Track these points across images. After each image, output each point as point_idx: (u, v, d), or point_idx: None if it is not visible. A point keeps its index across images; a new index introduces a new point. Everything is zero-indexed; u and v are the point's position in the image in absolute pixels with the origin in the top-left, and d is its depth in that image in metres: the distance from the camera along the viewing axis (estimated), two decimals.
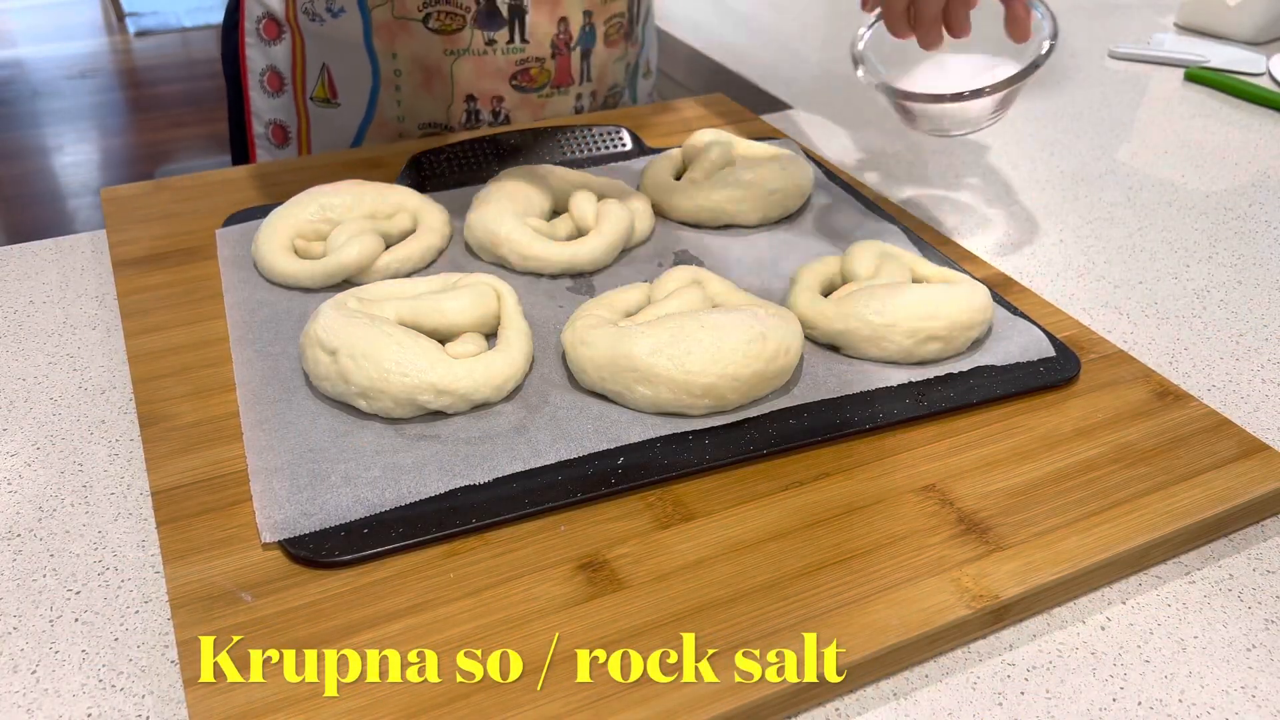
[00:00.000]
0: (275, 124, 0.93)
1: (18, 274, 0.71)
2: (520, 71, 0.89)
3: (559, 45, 0.89)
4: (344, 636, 0.44)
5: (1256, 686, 0.45)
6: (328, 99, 0.90)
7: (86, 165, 3.00)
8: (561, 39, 0.89)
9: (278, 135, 0.93)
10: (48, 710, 0.42)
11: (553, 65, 0.90)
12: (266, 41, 0.90)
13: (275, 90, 0.91)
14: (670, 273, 0.62)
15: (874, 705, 0.44)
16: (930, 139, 0.94)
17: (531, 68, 0.89)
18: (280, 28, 0.89)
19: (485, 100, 0.89)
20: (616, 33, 0.93)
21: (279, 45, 0.90)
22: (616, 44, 0.93)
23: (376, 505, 0.49)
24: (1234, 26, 1.22)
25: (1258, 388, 0.64)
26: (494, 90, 0.89)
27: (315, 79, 0.89)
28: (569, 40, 0.89)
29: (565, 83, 0.92)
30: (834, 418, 0.56)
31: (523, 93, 0.90)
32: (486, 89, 0.89)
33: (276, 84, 0.91)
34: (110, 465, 0.55)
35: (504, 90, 0.89)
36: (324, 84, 0.89)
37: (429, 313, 0.59)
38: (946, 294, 0.60)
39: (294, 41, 0.89)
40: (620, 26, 0.93)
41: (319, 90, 0.90)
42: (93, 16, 4.11)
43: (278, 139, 0.94)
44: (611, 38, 0.92)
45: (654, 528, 0.49)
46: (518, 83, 0.89)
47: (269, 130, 0.94)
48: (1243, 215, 0.85)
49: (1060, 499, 0.52)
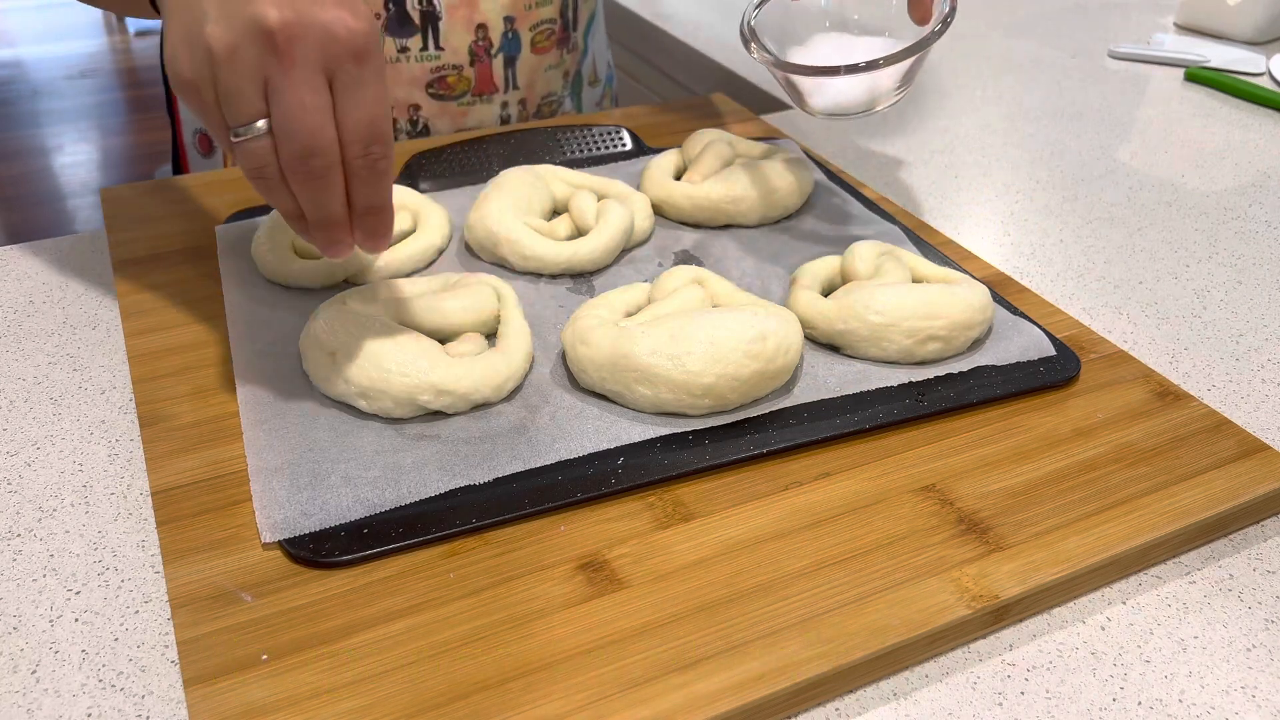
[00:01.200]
0: (200, 133, 0.92)
1: (18, 274, 0.71)
2: (437, 79, 0.86)
3: (478, 52, 0.86)
4: (344, 636, 0.44)
5: (1256, 686, 0.45)
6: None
7: (86, 165, 3.01)
8: (480, 45, 0.86)
9: (204, 144, 0.92)
10: (48, 710, 0.42)
11: (472, 73, 0.87)
12: None
13: None
14: (670, 273, 0.62)
15: (874, 705, 0.44)
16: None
17: (448, 75, 0.86)
18: None
19: (401, 109, 0.87)
20: (546, 40, 0.90)
21: None
22: (547, 51, 0.91)
23: (376, 505, 0.49)
24: (1234, 26, 1.22)
25: (1258, 388, 0.64)
26: (409, 99, 0.87)
27: None
28: (489, 47, 0.86)
29: (487, 91, 0.89)
30: (834, 418, 0.56)
31: (440, 101, 0.88)
32: (401, 97, 0.87)
33: None
34: (110, 465, 0.55)
35: (420, 98, 0.87)
36: None
37: (429, 313, 0.59)
38: (946, 294, 0.60)
39: None
40: (550, 34, 0.90)
41: None
42: (93, 16, 4.11)
43: (203, 147, 0.92)
44: (540, 45, 0.90)
45: (654, 528, 0.49)
46: (435, 90, 0.87)
47: (195, 139, 0.92)
48: (1243, 215, 0.85)
49: (1060, 499, 0.52)
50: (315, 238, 0.51)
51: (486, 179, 0.78)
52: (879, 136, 0.95)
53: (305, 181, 0.47)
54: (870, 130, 0.96)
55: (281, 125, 0.46)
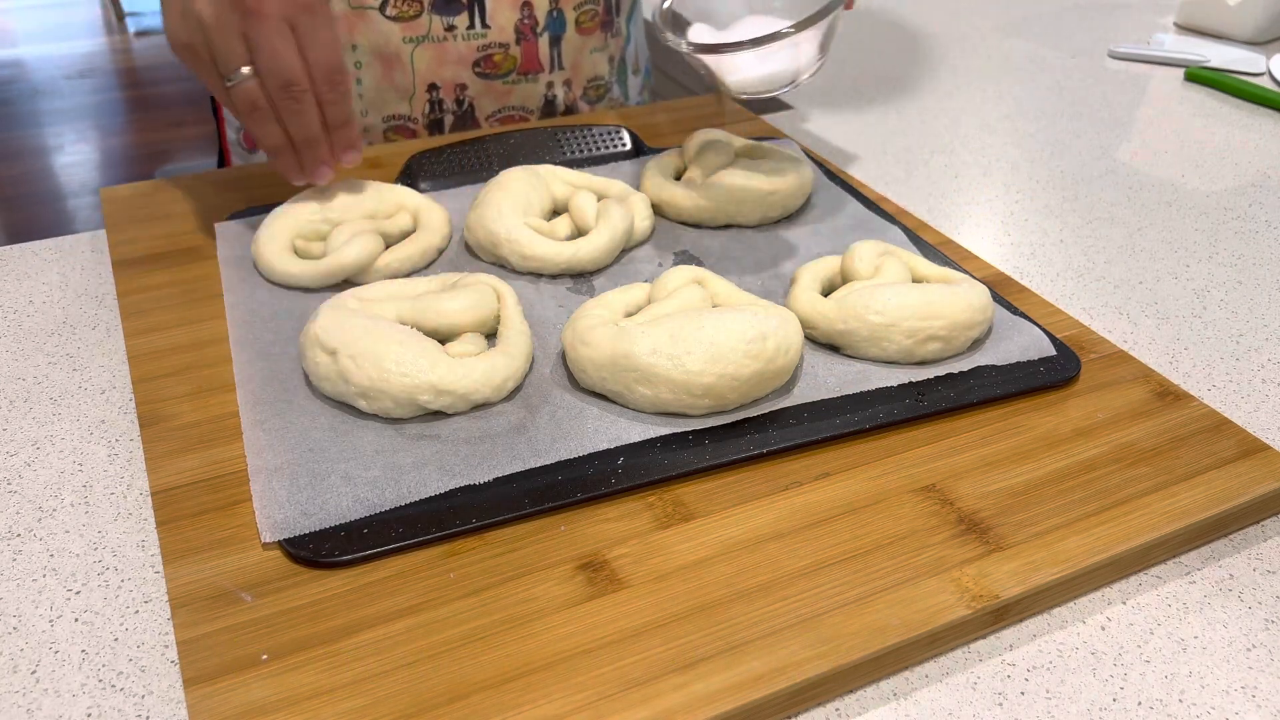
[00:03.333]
0: (245, 129, 0.93)
1: (18, 274, 0.71)
2: (483, 58, 0.87)
3: (523, 30, 0.87)
4: (344, 636, 0.44)
5: (1256, 686, 0.45)
6: None
7: (86, 165, 3.01)
8: (526, 24, 0.87)
9: (248, 141, 0.93)
10: (48, 710, 0.42)
11: (518, 51, 0.88)
12: None
13: None
14: (670, 273, 0.62)
15: (874, 705, 0.44)
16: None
17: (495, 54, 0.87)
18: None
19: (448, 89, 0.88)
20: (590, 20, 0.91)
21: None
22: (591, 32, 0.92)
23: (376, 505, 0.49)
24: (1234, 26, 1.22)
25: (1258, 388, 0.64)
26: (456, 78, 0.88)
27: None
28: (534, 25, 0.87)
29: (533, 69, 0.90)
30: (834, 418, 0.56)
31: (487, 80, 0.88)
32: (448, 77, 0.87)
33: None
34: (110, 465, 0.55)
35: (467, 78, 0.88)
36: None
37: (429, 313, 0.59)
38: (946, 294, 0.60)
39: None
40: (594, 15, 0.91)
41: None
42: (93, 16, 4.11)
43: (248, 144, 0.93)
44: (584, 25, 0.91)
45: (654, 528, 0.49)
46: (481, 70, 0.87)
47: (240, 137, 0.93)
48: (1243, 215, 0.85)
49: (1060, 499, 0.52)
50: (304, 158, 0.65)
51: (486, 179, 0.78)
52: (879, 137, 0.95)
53: (288, 106, 0.62)
54: (870, 130, 0.96)
55: (264, 65, 0.61)
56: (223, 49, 0.60)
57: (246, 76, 0.61)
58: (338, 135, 0.66)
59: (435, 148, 0.80)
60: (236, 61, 0.61)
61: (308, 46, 0.61)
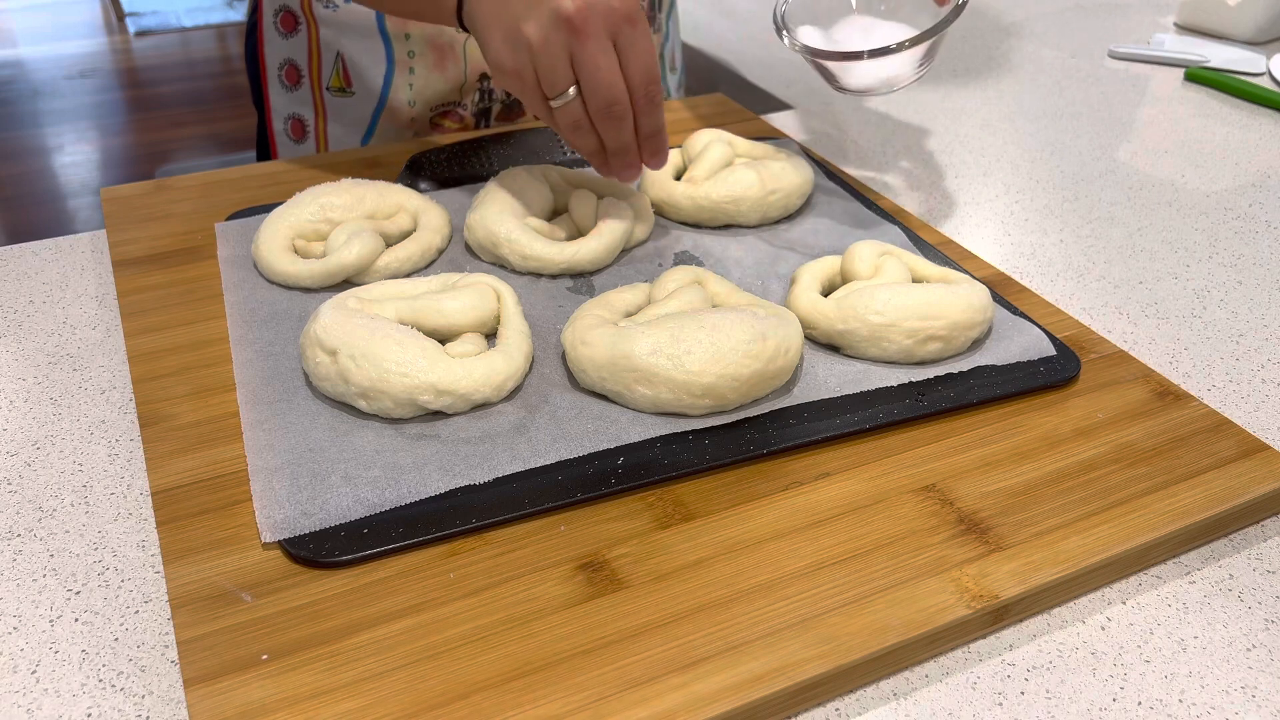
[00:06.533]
0: (294, 119, 0.94)
1: (18, 274, 0.71)
2: None
3: None
4: (344, 636, 0.44)
5: (1256, 686, 0.45)
6: (343, 88, 0.90)
7: (86, 165, 3.00)
8: None
9: (296, 130, 0.95)
10: (48, 710, 0.43)
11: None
12: (283, 35, 0.91)
13: (293, 84, 0.92)
14: (670, 273, 0.62)
15: (874, 705, 0.44)
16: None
17: None
18: (296, 20, 0.90)
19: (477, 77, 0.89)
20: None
21: (296, 37, 0.91)
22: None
23: (376, 505, 0.49)
24: (1234, 26, 1.22)
25: (1258, 388, 0.64)
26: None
27: (331, 68, 0.90)
28: None
29: None
30: (834, 418, 0.56)
31: None
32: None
33: (294, 77, 0.92)
34: (110, 465, 0.55)
35: None
36: (339, 73, 0.90)
37: (429, 313, 0.59)
38: (946, 294, 0.60)
39: (310, 32, 0.90)
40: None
41: (334, 79, 0.90)
42: (93, 16, 4.11)
43: (296, 134, 0.95)
44: None
45: (654, 528, 0.49)
46: None
47: (287, 126, 0.95)
48: (1243, 215, 0.85)
49: (1060, 499, 0.52)
50: (614, 164, 0.67)
51: (486, 179, 0.78)
52: (879, 137, 0.95)
53: (608, 123, 0.63)
54: (870, 130, 0.96)
55: (588, 84, 0.61)
56: (549, 71, 0.61)
57: (571, 98, 0.62)
58: (648, 143, 0.66)
59: (435, 148, 0.80)
60: (563, 84, 0.61)
61: (628, 60, 0.62)
